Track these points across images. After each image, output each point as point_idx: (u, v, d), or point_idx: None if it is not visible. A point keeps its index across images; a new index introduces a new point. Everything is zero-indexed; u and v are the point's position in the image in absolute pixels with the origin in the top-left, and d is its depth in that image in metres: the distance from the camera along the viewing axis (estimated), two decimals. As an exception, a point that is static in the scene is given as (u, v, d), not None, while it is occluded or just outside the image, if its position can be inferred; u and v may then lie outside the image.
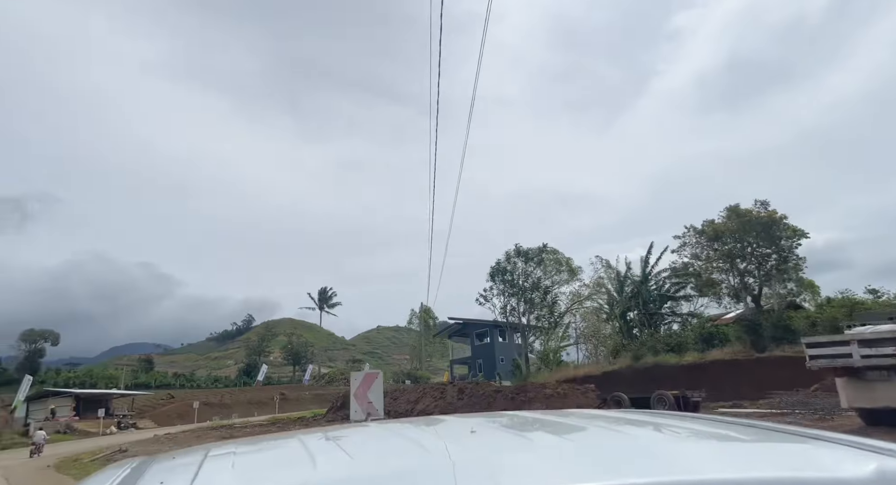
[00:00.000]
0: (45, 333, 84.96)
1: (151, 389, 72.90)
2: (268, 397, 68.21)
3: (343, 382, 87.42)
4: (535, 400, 18.67)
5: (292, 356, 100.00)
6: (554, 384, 19.43)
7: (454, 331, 54.85)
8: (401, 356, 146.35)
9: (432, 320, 57.19)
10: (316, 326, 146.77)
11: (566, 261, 40.29)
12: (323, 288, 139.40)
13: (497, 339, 49.83)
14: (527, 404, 18.73)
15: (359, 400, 7.60)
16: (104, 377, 78.81)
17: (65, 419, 42.58)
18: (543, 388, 19.11)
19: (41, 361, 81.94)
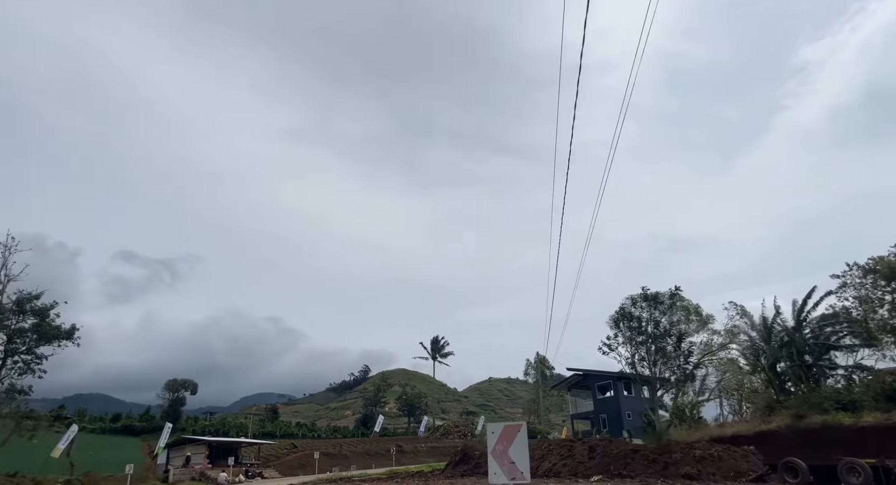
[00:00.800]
0: (185, 382, 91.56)
1: (276, 438, 75.57)
2: (384, 449, 68.16)
3: (457, 435, 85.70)
4: (683, 463, 16.33)
5: (407, 407, 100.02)
6: (705, 445, 16.93)
7: (573, 383, 51.81)
8: (514, 410, 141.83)
9: (548, 371, 54.62)
10: (429, 377, 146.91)
11: (694, 308, 36.86)
12: (435, 337, 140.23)
13: (622, 392, 46.29)
14: (672, 466, 16.45)
15: (498, 458, 6.38)
16: (235, 426, 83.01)
17: (199, 467, 44.61)
18: (692, 448, 16.69)
19: (182, 409, 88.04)
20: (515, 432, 6.67)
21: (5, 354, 32.46)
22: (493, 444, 6.95)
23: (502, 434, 6.93)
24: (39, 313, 33.58)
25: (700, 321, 36.08)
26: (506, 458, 6.52)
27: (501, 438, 6.85)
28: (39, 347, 33.33)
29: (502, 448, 6.74)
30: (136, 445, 64.38)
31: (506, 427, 7.07)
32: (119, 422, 78.82)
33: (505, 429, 7.04)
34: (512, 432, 6.63)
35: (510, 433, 6.64)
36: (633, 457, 17.91)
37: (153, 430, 67.91)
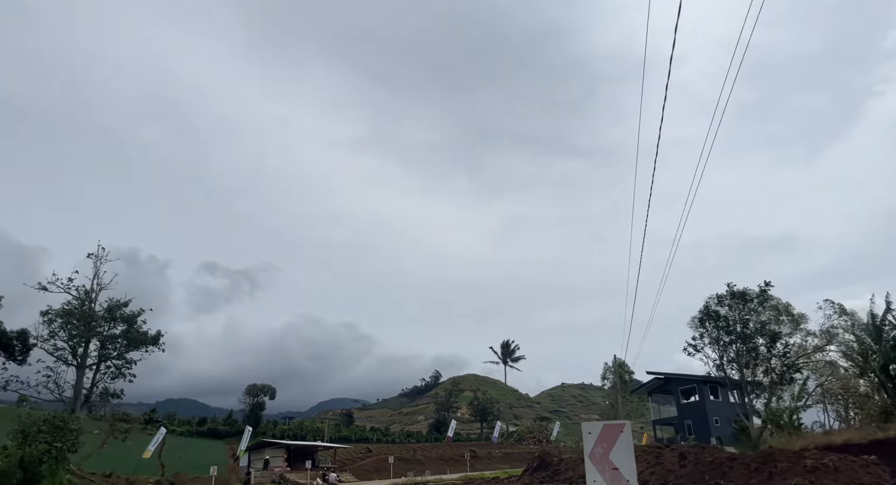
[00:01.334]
0: (264, 387, 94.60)
1: (351, 442, 76.57)
2: (458, 454, 67.55)
3: (532, 441, 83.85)
4: (791, 473, 14.67)
5: (479, 413, 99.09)
6: (816, 453, 15.19)
7: (654, 387, 49.30)
8: (589, 416, 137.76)
9: (628, 376, 52.32)
10: (500, 383, 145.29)
11: (784, 306, 34.07)
12: (505, 341, 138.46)
13: (708, 396, 43.55)
14: (778, 476, 14.82)
15: (598, 464, 5.29)
16: (311, 430, 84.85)
17: (278, 470, 45.57)
18: (800, 457, 14.99)
19: (262, 413, 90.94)
20: (618, 432, 5.62)
21: (99, 359, 34.39)
22: (591, 447, 5.86)
23: (602, 435, 5.81)
24: (128, 320, 35.41)
25: (792, 321, 33.34)
26: (607, 463, 5.50)
27: (601, 440, 5.73)
28: (129, 352, 35.15)
29: (602, 452, 5.67)
30: (220, 447, 66.83)
31: (606, 427, 5.93)
32: (205, 425, 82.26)
33: (605, 429, 5.91)
34: (613, 432, 5.59)
35: (611, 434, 5.60)
36: (731, 465, 16.35)
37: (236, 433, 70.35)
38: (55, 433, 22.21)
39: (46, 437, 21.88)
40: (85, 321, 33.14)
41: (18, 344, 36.60)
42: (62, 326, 32.90)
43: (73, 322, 32.96)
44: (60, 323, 32.87)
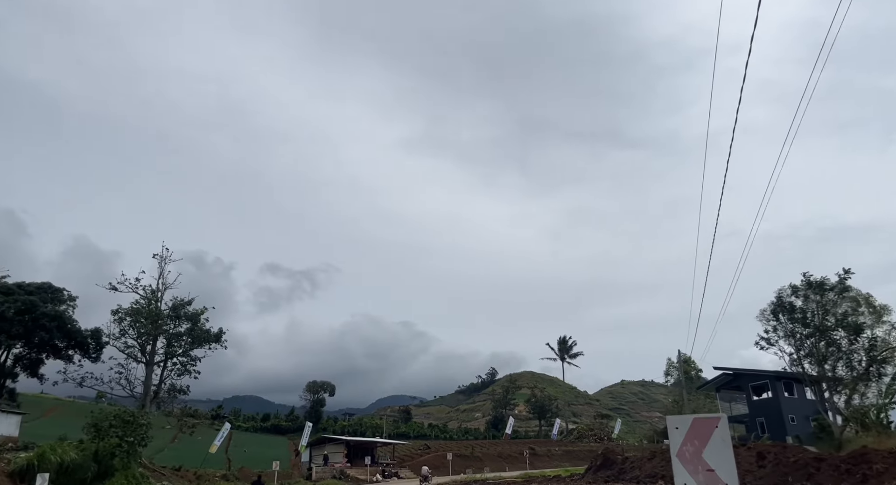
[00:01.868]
0: (324, 384, 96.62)
1: (409, 438, 76.98)
2: (517, 452, 66.69)
3: (592, 438, 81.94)
4: (888, 475, 13.31)
5: (537, 410, 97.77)
6: (920, 455, 13.75)
7: (722, 383, 46.91)
8: (650, 413, 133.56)
9: (694, 372, 50.05)
10: (557, 380, 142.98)
11: (864, 297, 31.54)
12: (562, 337, 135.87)
13: (782, 393, 41.02)
14: (873, 479, 13.49)
15: (688, 464, 4.54)
16: (370, 427, 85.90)
17: (338, 465, 46.11)
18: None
19: (322, 410, 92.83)
20: (711, 427, 4.82)
21: (165, 356, 35.66)
22: (679, 444, 5.03)
23: (692, 431, 4.97)
24: (192, 318, 36.54)
25: (874, 313, 30.83)
26: (699, 463, 4.74)
27: (691, 436, 4.90)
28: (193, 349, 36.27)
29: (693, 450, 4.87)
30: (283, 443, 68.50)
31: (696, 421, 5.07)
32: (268, 422, 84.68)
33: (695, 424, 5.05)
34: (706, 427, 4.80)
35: (703, 430, 4.81)
36: (818, 466, 15.04)
37: (297, 429, 71.92)
38: (125, 428, 22.97)
39: (117, 431, 22.65)
40: (152, 320, 34.38)
41: (92, 342, 38.51)
42: (131, 325, 34.27)
43: (140, 320, 34.27)
44: (129, 322, 34.24)
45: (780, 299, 30.94)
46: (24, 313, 34.44)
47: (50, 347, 37.36)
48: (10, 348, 36.33)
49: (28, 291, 36.50)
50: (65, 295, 39.17)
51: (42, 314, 35.33)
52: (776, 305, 30.89)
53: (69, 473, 20.43)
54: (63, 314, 37.40)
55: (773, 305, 31.07)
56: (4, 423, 30.90)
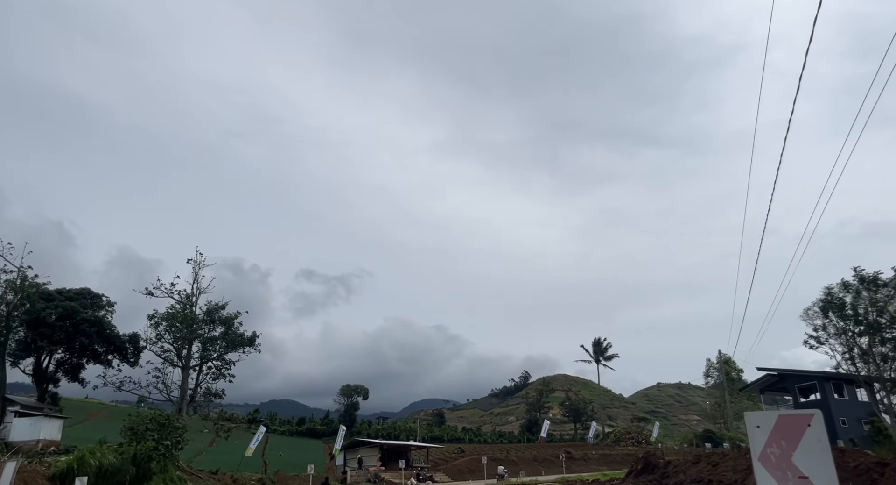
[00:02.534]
0: (357, 388, 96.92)
1: (443, 442, 76.42)
2: (552, 455, 65.46)
3: (630, 442, 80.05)
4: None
5: (572, 413, 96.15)
6: None
7: (766, 385, 45.13)
8: (688, 416, 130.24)
9: (735, 373, 48.31)
10: (592, 383, 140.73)
11: None
12: (597, 339, 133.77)
13: (831, 394, 39.19)
14: (946, 486, 12.47)
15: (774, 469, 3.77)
16: (404, 430, 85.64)
17: (373, 469, 45.87)
18: (974, 464, 12.56)
19: (356, 413, 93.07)
20: (802, 426, 3.99)
21: (201, 360, 36.11)
22: (762, 445, 4.24)
23: (776, 430, 4.16)
24: (226, 322, 36.89)
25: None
26: (789, 469, 3.98)
27: (776, 436, 4.10)
28: (227, 353, 36.64)
29: (780, 453, 4.09)
30: (318, 446, 68.70)
31: (782, 419, 4.22)
32: (304, 426, 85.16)
33: (781, 422, 4.20)
34: (795, 426, 3.98)
35: (792, 429, 3.99)
36: (882, 471, 14.04)
37: (332, 433, 72.07)
38: (161, 431, 23.14)
39: (153, 434, 22.82)
40: (187, 324, 34.81)
41: (130, 347, 39.20)
42: (167, 329, 34.78)
43: (176, 325, 34.74)
44: (165, 326, 34.75)
45: (829, 296, 29.40)
46: (64, 319, 35.28)
47: (90, 351, 38.20)
48: (52, 354, 37.26)
49: (68, 296, 37.38)
50: (103, 301, 40.04)
51: (82, 320, 36.13)
52: (826, 302, 29.36)
53: (108, 476, 20.59)
54: (102, 320, 38.22)
55: (822, 302, 29.55)
56: (47, 427, 31.58)
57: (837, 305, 28.83)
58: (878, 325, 27.06)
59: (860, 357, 28.26)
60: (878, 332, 27.09)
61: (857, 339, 28.10)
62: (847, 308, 28.42)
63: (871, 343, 27.63)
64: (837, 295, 29.15)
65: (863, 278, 28.31)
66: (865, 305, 27.96)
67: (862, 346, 28.07)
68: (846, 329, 28.50)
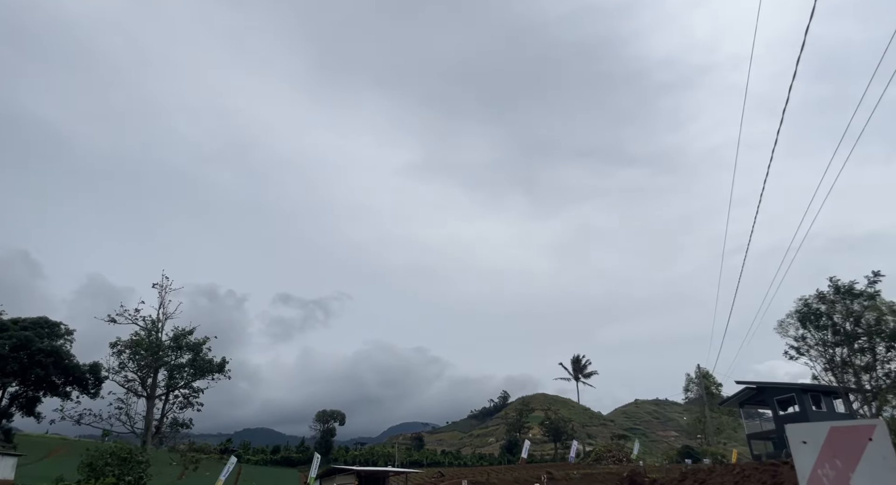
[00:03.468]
0: (334, 413, 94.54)
1: (423, 466, 74.70)
2: (533, 476, 64.19)
3: (611, 460, 79.21)
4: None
5: (552, 433, 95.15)
6: None
7: (745, 398, 45.03)
8: (666, 432, 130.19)
9: (714, 387, 48.18)
10: (571, 401, 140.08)
11: (889, 305, 30.10)
12: (576, 356, 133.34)
13: (810, 406, 39.18)
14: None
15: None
16: (382, 455, 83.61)
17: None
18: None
19: (333, 440, 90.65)
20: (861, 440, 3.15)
21: (167, 389, 34.45)
22: (811, 466, 3.40)
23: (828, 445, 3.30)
24: (194, 348, 35.39)
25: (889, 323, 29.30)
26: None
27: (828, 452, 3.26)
28: (196, 380, 35.05)
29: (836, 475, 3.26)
30: (293, 475, 66.45)
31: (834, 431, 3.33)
32: (278, 454, 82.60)
33: (832, 435, 3.31)
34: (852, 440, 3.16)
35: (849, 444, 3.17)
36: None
37: (308, 461, 69.87)
38: (122, 466, 21.72)
39: (114, 470, 21.39)
40: (152, 351, 33.26)
41: (91, 377, 37.26)
42: (131, 357, 33.18)
43: (140, 352, 33.16)
44: (129, 354, 33.14)
45: (807, 306, 29.50)
46: (19, 350, 33.39)
47: (47, 383, 36.18)
48: (5, 387, 35.17)
49: (23, 326, 35.47)
50: (62, 329, 38.09)
51: (38, 350, 34.24)
52: (804, 313, 29.42)
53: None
54: (60, 349, 36.28)
55: (800, 313, 29.62)
56: (0, 465, 29.58)
57: (815, 315, 28.94)
58: (855, 334, 27.21)
59: (840, 368, 28.29)
60: (855, 341, 27.20)
61: (834, 349, 28.17)
62: (823, 319, 28.56)
63: (849, 353, 27.71)
64: (814, 306, 29.29)
65: (838, 288, 28.53)
66: (842, 316, 28.12)
67: (840, 356, 28.15)
68: (824, 339, 28.61)
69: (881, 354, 26.78)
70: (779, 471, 17.19)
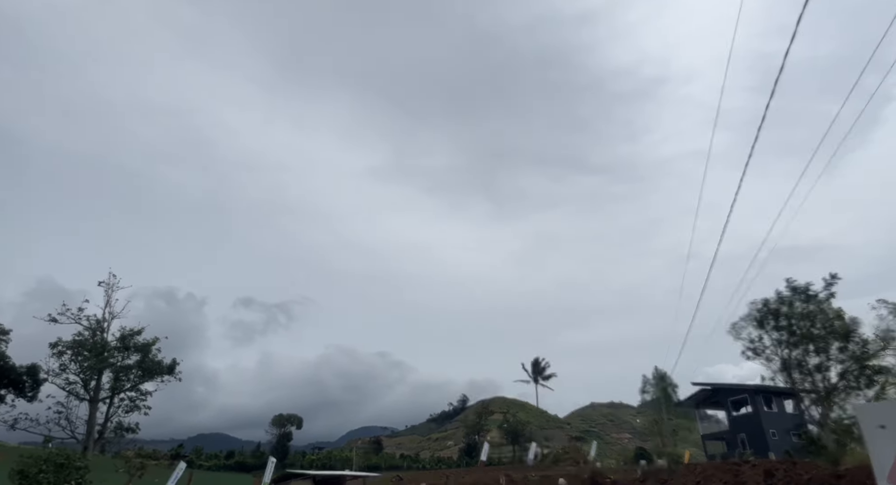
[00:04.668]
0: (290, 417, 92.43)
1: (382, 470, 73.59)
2: (492, 479, 63.98)
3: (569, 462, 79.72)
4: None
5: (510, 435, 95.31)
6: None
7: (701, 399, 45.90)
8: (620, 435, 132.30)
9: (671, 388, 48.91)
10: (529, 405, 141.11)
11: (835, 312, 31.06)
12: (535, 359, 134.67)
13: (762, 407, 40.15)
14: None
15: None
16: (341, 459, 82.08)
17: (305, 503, 42.99)
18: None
19: (289, 444, 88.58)
20: None
21: (112, 392, 32.59)
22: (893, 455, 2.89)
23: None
24: (142, 349, 33.65)
25: (842, 325, 30.26)
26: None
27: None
28: (143, 382, 33.32)
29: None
30: (247, 481, 64.34)
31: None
32: (232, 459, 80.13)
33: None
34: None
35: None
36: (838, 483, 13.69)
37: (263, 466, 67.91)
38: (58, 473, 20.23)
39: (49, 477, 19.90)
40: (96, 352, 31.43)
41: (28, 380, 35.01)
42: (73, 359, 31.23)
43: (84, 353, 31.27)
44: (71, 355, 31.20)
45: (766, 306, 30.10)
46: (-52, 350, 31.16)
47: (-21, 386, 33.85)
48: (-67, 390, 32.73)
49: (-47, 325, 33.07)
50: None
51: (-31, 351, 32.02)
52: (762, 312, 30.03)
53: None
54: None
55: (758, 313, 30.22)
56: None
57: (773, 315, 29.57)
58: (811, 335, 27.90)
59: (795, 368, 28.96)
60: (812, 342, 27.87)
61: (791, 349, 28.84)
62: (781, 319, 29.21)
63: (804, 353, 28.40)
64: (773, 306, 29.95)
65: (795, 289, 29.25)
66: (798, 316, 28.83)
67: (794, 357, 28.84)
68: (780, 339, 29.26)
69: (834, 354, 27.53)
70: (741, 470, 17.22)
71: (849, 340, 27.22)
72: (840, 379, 27.81)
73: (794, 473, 15.48)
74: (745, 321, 37.09)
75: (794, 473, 15.43)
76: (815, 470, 15.20)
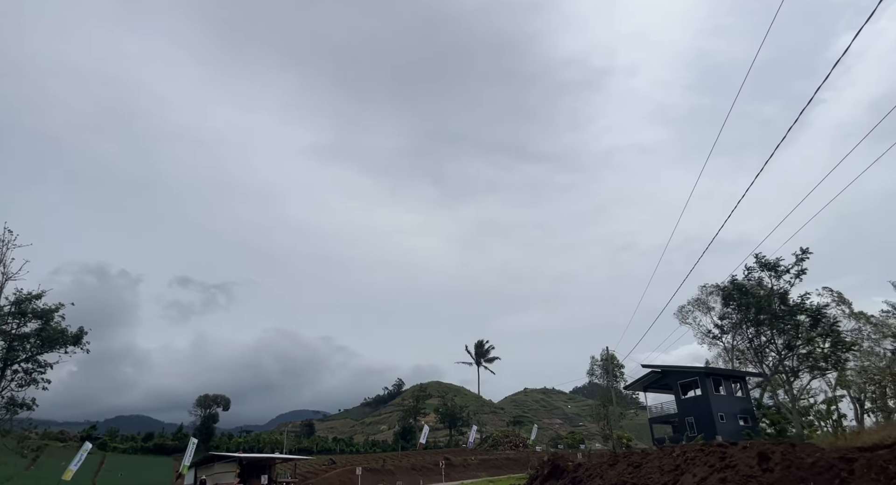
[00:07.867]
0: (217, 398, 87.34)
1: (313, 454, 70.62)
2: (431, 463, 62.43)
3: (508, 445, 79.33)
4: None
5: (447, 419, 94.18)
6: None
7: (650, 382, 45.37)
8: (551, 420, 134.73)
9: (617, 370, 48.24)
10: (464, 390, 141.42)
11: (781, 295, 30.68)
12: (479, 341, 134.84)
13: (711, 390, 39.79)
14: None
15: None
16: (270, 443, 78.42)
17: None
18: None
19: (215, 426, 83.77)
20: None
21: (4, 363, 28.02)
22: None
23: None
24: (42, 316, 29.16)
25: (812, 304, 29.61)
26: None
27: None
28: (43, 353, 28.89)
29: None
30: (167, 464, 60.25)
31: None
32: (151, 441, 74.90)
33: None
34: None
35: None
36: (851, 468, 11.98)
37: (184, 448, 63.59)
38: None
39: None
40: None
41: None
42: (-47, 323, 26.52)
43: (-32, 317, 26.62)
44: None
45: (733, 283, 29.03)
46: None
47: None
48: None
49: None
50: None
51: None
52: (729, 289, 28.99)
53: None
54: None
55: (726, 290, 29.21)
56: None
57: (740, 291, 28.58)
58: (780, 314, 27.07)
59: (755, 349, 28.21)
60: (780, 321, 27.05)
61: (759, 328, 28.03)
62: (748, 297, 28.26)
63: (772, 335, 27.62)
64: (740, 283, 29.02)
65: (764, 264, 28.33)
66: (767, 292, 27.97)
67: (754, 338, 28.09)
68: (747, 319, 28.39)
69: (803, 332, 26.80)
70: (728, 453, 15.51)
71: (820, 317, 26.63)
72: (805, 358, 27.23)
73: (793, 455, 13.69)
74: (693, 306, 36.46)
75: (795, 456, 13.65)
76: (818, 453, 13.50)
